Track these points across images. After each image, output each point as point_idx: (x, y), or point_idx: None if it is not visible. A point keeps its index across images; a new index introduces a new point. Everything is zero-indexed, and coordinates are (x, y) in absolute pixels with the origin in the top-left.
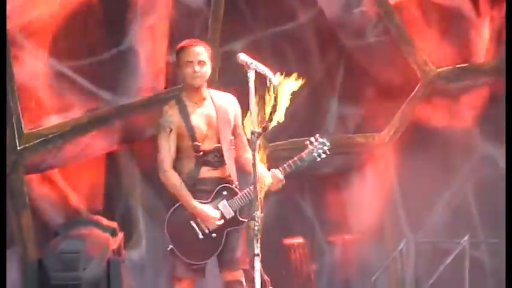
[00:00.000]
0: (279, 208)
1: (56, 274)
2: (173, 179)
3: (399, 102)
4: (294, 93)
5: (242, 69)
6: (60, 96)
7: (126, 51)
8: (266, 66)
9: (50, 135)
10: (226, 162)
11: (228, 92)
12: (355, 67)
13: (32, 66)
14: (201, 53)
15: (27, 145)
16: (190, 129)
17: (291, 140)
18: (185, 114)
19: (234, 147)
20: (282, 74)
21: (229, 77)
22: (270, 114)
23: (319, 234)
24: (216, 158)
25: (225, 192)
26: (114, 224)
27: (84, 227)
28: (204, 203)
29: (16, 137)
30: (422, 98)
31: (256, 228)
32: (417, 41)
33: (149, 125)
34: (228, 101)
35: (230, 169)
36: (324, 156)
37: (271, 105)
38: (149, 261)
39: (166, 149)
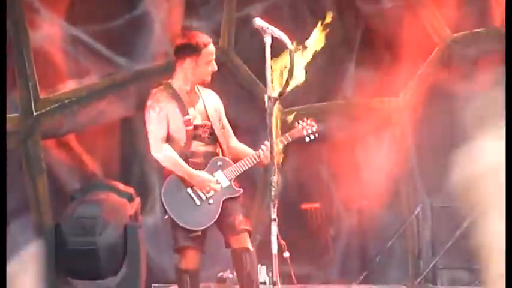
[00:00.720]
0: (297, 173)
1: (73, 239)
2: (167, 151)
3: (416, 66)
4: (312, 59)
5: (258, 34)
6: (76, 61)
7: (142, 16)
8: (283, 31)
9: (66, 101)
10: (219, 139)
11: (243, 58)
12: (373, 32)
13: (47, 32)
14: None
15: (43, 110)
16: (181, 107)
17: (308, 104)
18: (176, 96)
19: (223, 130)
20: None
21: (245, 42)
22: (286, 79)
23: (336, 199)
24: (206, 133)
25: (219, 163)
26: (130, 189)
27: (101, 192)
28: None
29: (32, 102)
30: (439, 62)
31: (272, 193)
32: (434, 6)
33: None
34: (212, 97)
35: (222, 143)
36: (312, 137)
37: (287, 70)
38: (164, 227)
39: (157, 127)
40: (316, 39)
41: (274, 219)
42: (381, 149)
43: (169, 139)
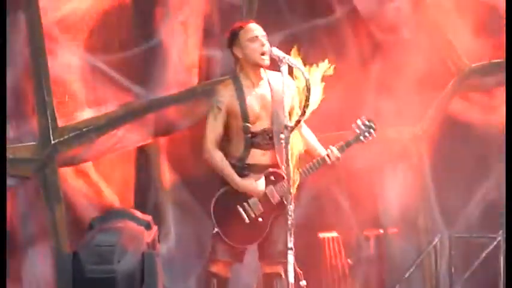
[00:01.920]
0: (314, 201)
1: (91, 267)
2: (216, 158)
3: (434, 96)
4: (330, 87)
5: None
6: (94, 90)
7: (158, 45)
8: (302, 60)
9: (84, 129)
10: (275, 145)
11: None
12: (390, 61)
13: (66, 60)
14: (261, 30)
15: (61, 139)
16: (244, 109)
17: (325, 134)
18: (240, 94)
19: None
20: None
21: None
22: (303, 107)
23: (355, 228)
24: (265, 140)
25: (272, 178)
26: (148, 217)
27: (119, 220)
28: None
29: (50, 130)
30: (456, 92)
31: (289, 222)
32: (451, 36)
33: (182, 119)
34: (285, 83)
35: (278, 153)
36: (370, 138)
37: (304, 99)
38: (178, 255)
39: (212, 129)
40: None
41: (291, 248)
42: (398, 178)
43: (227, 140)
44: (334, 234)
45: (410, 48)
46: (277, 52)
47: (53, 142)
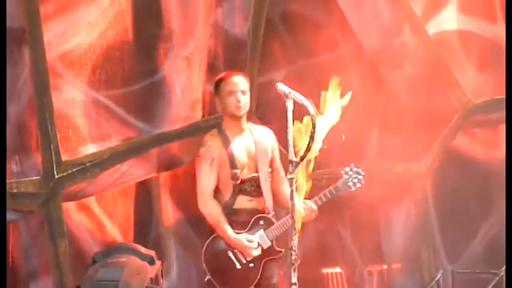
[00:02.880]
0: (318, 236)
1: None
2: (213, 209)
3: (438, 132)
4: (335, 123)
5: (280, 99)
6: (97, 125)
7: (162, 80)
8: (305, 96)
9: (88, 164)
10: (264, 192)
11: (266, 122)
12: (395, 97)
13: (70, 95)
14: (242, 83)
15: (65, 173)
16: (231, 157)
17: (330, 169)
18: (226, 143)
19: (270, 179)
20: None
21: (267, 107)
22: (308, 144)
23: (359, 263)
24: (253, 187)
25: (261, 222)
26: (152, 253)
27: (123, 255)
28: (241, 233)
29: (54, 165)
30: (460, 128)
31: (293, 257)
32: (455, 72)
33: (186, 154)
34: (265, 135)
35: (267, 199)
36: (359, 185)
37: (309, 135)
38: None
39: (207, 180)
40: (332, 113)
41: (295, 283)
42: (402, 214)
43: (215, 190)
44: (337, 269)
45: (414, 84)
46: (283, 87)
47: (56, 176)
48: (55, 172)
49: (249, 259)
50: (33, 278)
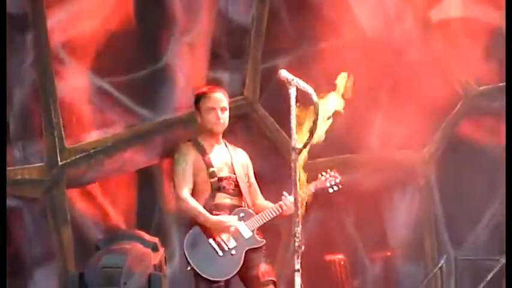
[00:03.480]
0: (321, 224)
1: None
2: (189, 202)
3: (441, 119)
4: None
5: (284, 85)
6: (101, 112)
7: (165, 67)
8: (309, 83)
9: (92, 150)
10: (243, 191)
11: (269, 109)
12: (398, 84)
13: (73, 82)
14: (223, 100)
15: (68, 160)
16: (207, 161)
17: (333, 157)
18: (201, 150)
19: (248, 183)
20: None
21: (270, 94)
22: (311, 130)
23: (361, 250)
24: (231, 186)
25: (242, 214)
26: (155, 239)
27: (126, 242)
28: None
29: (58, 152)
30: (463, 115)
31: (296, 244)
32: (459, 59)
33: None
34: (240, 153)
35: (246, 198)
36: (336, 188)
37: (312, 122)
38: (182, 278)
39: (181, 180)
40: (335, 102)
41: (298, 270)
42: (405, 201)
43: (193, 192)
44: (340, 256)
45: (417, 71)
46: (286, 74)
47: (60, 163)
48: (59, 159)
49: (231, 246)
50: (37, 265)
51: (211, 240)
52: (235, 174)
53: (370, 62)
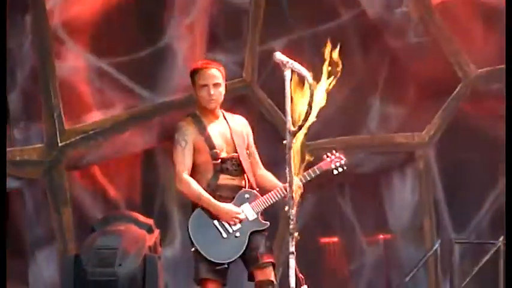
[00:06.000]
0: (318, 207)
1: (93, 270)
2: (191, 185)
3: (440, 102)
4: (337, 92)
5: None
6: (101, 93)
7: (165, 48)
8: (307, 65)
9: (91, 132)
10: (245, 170)
11: (267, 91)
12: (397, 66)
13: (73, 63)
14: (216, 76)
15: (68, 141)
16: (208, 140)
17: (332, 138)
18: (202, 127)
19: (248, 152)
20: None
21: (268, 76)
22: (306, 113)
23: (359, 233)
24: (234, 166)
25: (247, 196)
26: (150, 221)
27: (121, 223)
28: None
29: (57, 133)
30: (463, 98)
31: (291, 226)
32: (459, 41)
33: None
34: (239, 122)
35: (249, 177)
36: (340, 170)
37: (307, 104)
38: (183, 259)
39: (182, 162)
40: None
41: (292, 253)
42: (404, 184)
43: (196, 172)
44: (334, 239)
45: (417, 53)
46: (281, 57)
47: (60, 144)
48: (58, 140)
49: (235, 228)
50: (38, 245)
51: (216, 222)
52: (237, 152)
53: (370, 43)
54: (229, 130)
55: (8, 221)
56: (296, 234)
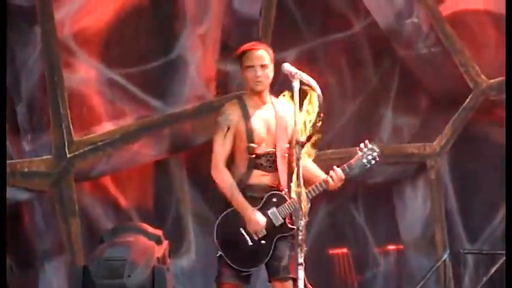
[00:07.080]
0: (331, 217)
1: (101, 281)
2: (225, 177)
3: (452, 112)
4: (349, 103)
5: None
6: (111, 103)
7: (176, 59)
8: (319, 75)
9: (100, 143)
10: (279, 168)
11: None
12: (409, 77)
13: (83, 74)
14: (263, 57)
15: (76, 152)
16: (249, 129)
17: (343, 149)
18: (245, 114)
19: (287, 154)
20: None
21: (280, 86)
22: (314, 123)
23: (371, 244)
24: (268, 162)
25: (274, 199)
26: (159, 232)
27: (130, 234)
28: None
29: (66, 144)
30: (474, 108)
31: (300, 237)
32: (469, 52)
33: (198, 134)
34: (288, 110)
35: (281, 176)
36: (373, 162)
37: (316, 114)
38: (199, 269)
39: (220, 147)
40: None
41: (301, 264)
42: (416, 194)
43: (231, 161)
44: (344, 250)
45: (428, 63)
46: (289, 68)
47: (68, 156)
48: (67, 151)
49: (260, 235)
50: (47, 256)
51: (242, 229)
52: (275, 146)
53: (381, 54)
54: (275, 119)
55: (16, 232)
56: (304, 246)
